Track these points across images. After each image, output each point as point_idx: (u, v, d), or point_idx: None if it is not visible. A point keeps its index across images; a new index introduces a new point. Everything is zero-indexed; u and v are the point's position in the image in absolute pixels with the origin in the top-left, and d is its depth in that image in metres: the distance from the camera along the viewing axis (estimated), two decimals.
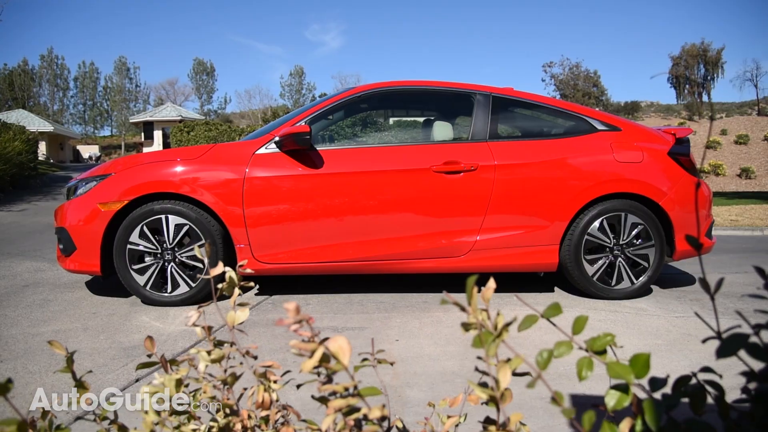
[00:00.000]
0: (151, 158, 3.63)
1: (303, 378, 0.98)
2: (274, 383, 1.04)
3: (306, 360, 0.79)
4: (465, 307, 0.85)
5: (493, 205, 3.57)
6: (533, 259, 3.65)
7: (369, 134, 4.76)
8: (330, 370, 0.78)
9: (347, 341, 0.80)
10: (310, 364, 0.77)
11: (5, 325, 3.16)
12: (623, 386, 0.78)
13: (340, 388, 0.78)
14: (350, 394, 0.80)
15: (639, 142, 3.78)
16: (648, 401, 0.74)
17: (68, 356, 1.19)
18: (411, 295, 3.80)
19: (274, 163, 3.52)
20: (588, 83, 50.00)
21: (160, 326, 3.16)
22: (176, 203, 3.46)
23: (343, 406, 0.78)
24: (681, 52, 54.59)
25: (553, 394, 0.78)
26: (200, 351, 1.05)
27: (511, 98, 3.91)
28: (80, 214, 3.50)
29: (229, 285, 1.20)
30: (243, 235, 3.48)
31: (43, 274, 4.46)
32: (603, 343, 0.82)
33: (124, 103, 57.16)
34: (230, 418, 1.05)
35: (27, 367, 2.56)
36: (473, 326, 0.86)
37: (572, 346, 0.81)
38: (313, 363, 0.77)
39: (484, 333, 0.82)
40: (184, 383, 1.06)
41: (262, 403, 1.04)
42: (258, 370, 1.05)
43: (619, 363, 0.78)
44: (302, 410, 1.17)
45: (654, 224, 3.66)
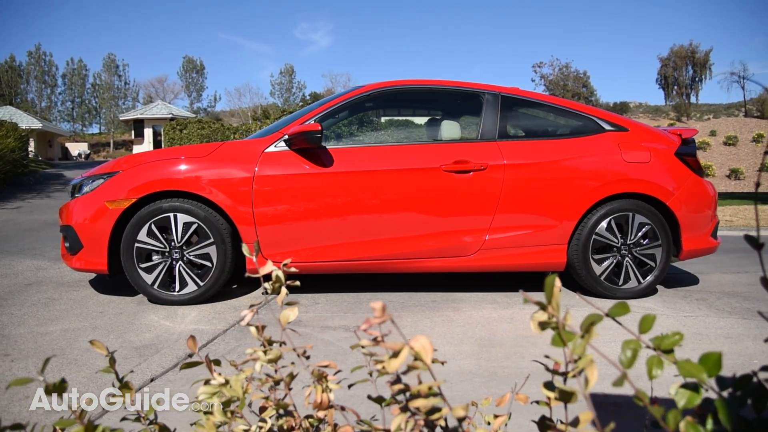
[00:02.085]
0: (158, 156, 3.60)
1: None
2: (332, 383, 1.03)
3: (390, 360, 0.78)
4: (545, 306, 0.84)
5: (502, 204, 3.58)
6: (542, 258, 3.66)
7: (377, 133, 4.74)
8: (413, 368, 0.77)
9: (429, 340, 0.79)
10: (396, 364, 0.77)
11: (12, 324, 3.12)
12: (692, 385, 0.78)
13: (425, 388, 0.77)
14: (432, 394, 0.80)
15: (646, 142, 3.81)
16: (719, 400, 0.74)
17: (110, 356, 1.18)
18: (419, 294, 3.80)
19: (284, 162, 3.50)
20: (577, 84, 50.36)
21: (169, 325, 3.13)
22: (185, 201, 3.43)
23: (428, 406, 0.78)
24: (669, 53, 55.06)
25: (636, 392, 0.78)
26: (257, 350, 1.04)
27: (519, 98, 3.92)
28: (87, 211, 3.47)
29: (276, 283, 1.19)
30: (252, 233, 3.45)
31: (45, 273, 4.41)
32: (671, 343, 0.82)
33: (113, 101, 56.66)
34: (286, 419, 1.04)
35: (39, 367, 2.52)
36: (552, 324, 0.86)
37: (640, 344, 0.81)
38: (399, 362, 0.77)
39: (566, 332, 0.82)
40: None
41: (320, 404, 1.03)
42: (316, 370, 1.04)
43: (690, 362, 0.78)
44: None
45: (661, 224, 3.68)
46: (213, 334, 2.98)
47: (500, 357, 2.66)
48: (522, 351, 2.73)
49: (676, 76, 54.56)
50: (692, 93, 55.12)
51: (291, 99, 56.29)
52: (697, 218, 3.78)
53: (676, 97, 55.08)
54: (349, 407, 1.05)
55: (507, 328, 3.08)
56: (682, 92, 54.73)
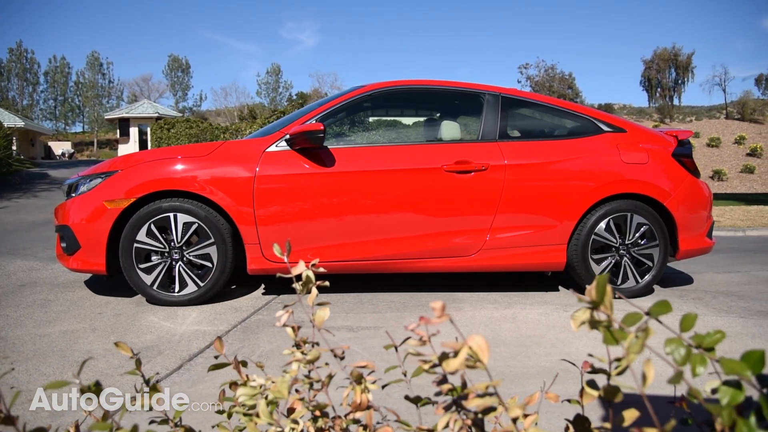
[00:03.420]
0: (157, 155, 3.56)
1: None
2: (371, 384, 1.03)
3: (450, 360, 0.78)
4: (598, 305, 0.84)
5: (503, 204, 3.60)
6: (542, 258, 3.69)
7: (377, 133, 4.74)
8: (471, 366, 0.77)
9: (485, 340, 0.79)
10: (456, 364, 0.77)
11: (9, 326, 3.07)
12: (734, 382, 0.79)
13: (482, 387, 0.77)
14: (488, 394, 0.80)
15: (644, 143, 3.85)
16: (762, 397, 0.75)
17: (136, 358, 1.16)
18: (420, 294, 3.80)
19: (286, 161, 3.48)
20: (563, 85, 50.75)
21: (170, 326, 3.10)
22: (185, 201, 3.40)
23: (485, 405, 0.78)
24: (653, 55, 55.70)
25: (690, 389, 0.79)
26: (295, 351, 1.03)
27: (520, 98, 3.94)
28: (85, 211, 3.42)
29: (305, 284, 1.18)
30: (253, 233, 3.43)
31: (38, 273, 4.34)
32: (713, 341, 0.83)
33: (96, 99, 55.91)
34: (324, 420, 1.04)
35: (40, 369, 2.49)
36: (604, 323, 0.86)
37: (683, 343, 0.82)
38: (459, 362, 0.77)
39: (619, 331, 0.82)
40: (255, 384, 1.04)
41: (359, 405, 1.02)
42: (355, 371, 1.03)
43: (733, 360, 0.79)
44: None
45: (658, 224, 3.72)
46: (215, 335, 2.95)
47: (506, 357, 2.67)
48: (527, 350, 2.74)
49: (660, 78, 55.22)
50: (675, 95, 55.83)
51: (278, 99, 56.00)
52: (693, 219, 3.83)
53: (659, 99, 55.73)
54: (388, 408, 1.05)
55: (510, 328, 3.10)
56: (666, 94, 55.40)
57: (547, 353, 2.71)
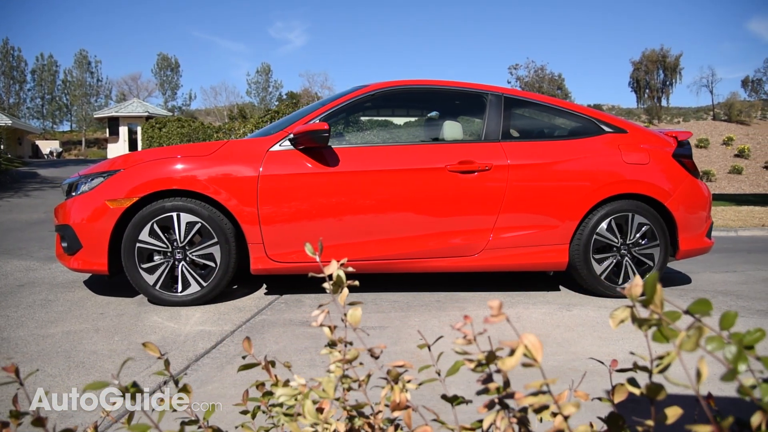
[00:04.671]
0: (160, 155, 3.53)
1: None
2: (409, 383, 1.03)
3: (506, 358, 0.78)
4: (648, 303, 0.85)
5: (506, 204, 3.61)
6: (544, 258, 3.70)
7: (381, 133, 4.74)
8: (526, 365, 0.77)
9: (538, 338, 0.79)
10: (513, 362, 0.77)
11: (11, 326, 3.03)
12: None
13: (538, 384, 0.78)
14: (541, 392, 0.80)
15: (644, 144, 3.88)
16: None
17: (164, 359, 1.16)
18: (423, 294, 3.81)
19: (289, 161, 3.47)
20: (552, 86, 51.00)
21: (174, 327, 3.08)
22: (188, 200, 3.38)
23: (540, 403, 0.78)
24: (641, 57, 56.13)
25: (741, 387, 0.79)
26: (332, 351, 1.03)
27: (522, 99, 3.96)
28: (86, 211, 3.38)
29: (336, 284, 1.18)
30: (257, 233, 3.42)
31: (35, 273, 4.29)
32: (753, 339, 0.84)
33: (84, 98, 55.30)
34: (362, 420, 1.04)
35: (45, 370, 2.46)
36: (653, 322, 0.86)
37: (723, 341, 0.82)
38: (516, 361, 0.77)
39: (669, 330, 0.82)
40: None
41: (398, 404, 1.02)
42: (393, 370, 1.03)
43: None
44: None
45: (659, 224, 3.75)
46: (221, 336, 2.94)
47: None
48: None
49: (648, 79, 55.65)
50: (663, 96, 56.29)
51: (268, 98, 55.78)
52: (693, 219, 3.87)
53: (647, 100, 56.17)
54: (426, 407, 1.05)
55: (515, 327, 3.10)
56: (654, 95, 55.85)
57: (554, 352, 2.72)
